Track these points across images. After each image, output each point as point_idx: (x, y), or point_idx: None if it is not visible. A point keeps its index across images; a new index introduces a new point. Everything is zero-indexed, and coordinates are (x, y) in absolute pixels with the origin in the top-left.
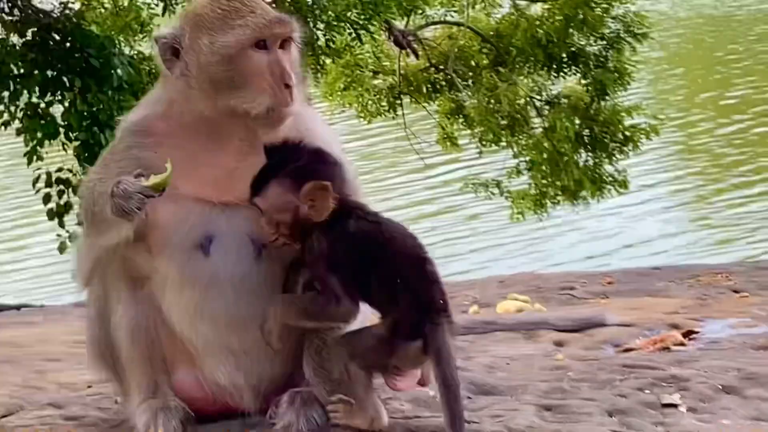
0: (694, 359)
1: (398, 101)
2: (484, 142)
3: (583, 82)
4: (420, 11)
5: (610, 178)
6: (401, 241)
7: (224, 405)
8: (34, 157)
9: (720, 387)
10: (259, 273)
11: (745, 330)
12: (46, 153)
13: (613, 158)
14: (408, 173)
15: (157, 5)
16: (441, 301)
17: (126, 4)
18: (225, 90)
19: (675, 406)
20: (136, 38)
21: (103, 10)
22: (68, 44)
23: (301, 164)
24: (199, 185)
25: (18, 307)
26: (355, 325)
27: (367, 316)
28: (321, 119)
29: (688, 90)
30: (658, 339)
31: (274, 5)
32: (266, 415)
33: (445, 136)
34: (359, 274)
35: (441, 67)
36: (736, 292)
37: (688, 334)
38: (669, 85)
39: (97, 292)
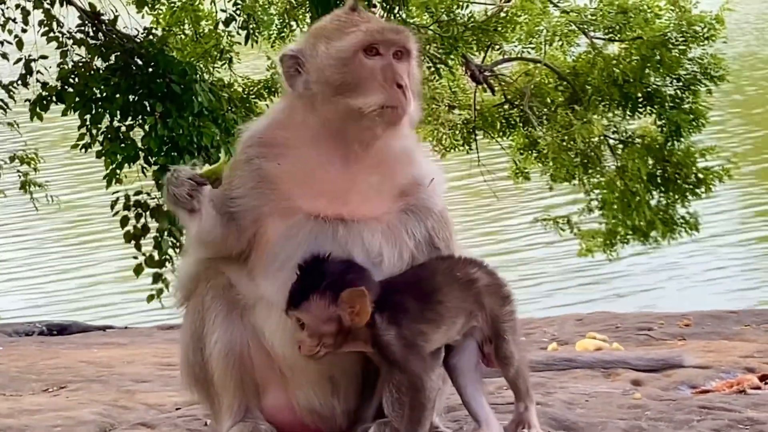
0: None
1: (473, 136)
2: (555, 179)
3: (658, 122)
4: (497, 47)
5: (682, 220)
6: (445, 271)
7: (314, 430)
8: (114, 180)
9: None
10: None
11: None
12: (125, 176)
13: (686, 200)
14: (477, 209)
15: (239, 34)
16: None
17: (206, 31)
18: (341, 92)
19: None
20: (215, 65)
21: (183, 36)
22: (151, 69)
23: (335, 276)
24: (314, 198)
25: (103, 328)
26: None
27: None
28: (430, 157)
29: None
30: (735, 382)
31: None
32: None
33: (518, 171)
34: (428, 315)
35: (516, 103)
36: None
37: (764, 378)
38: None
39: (194, 315)
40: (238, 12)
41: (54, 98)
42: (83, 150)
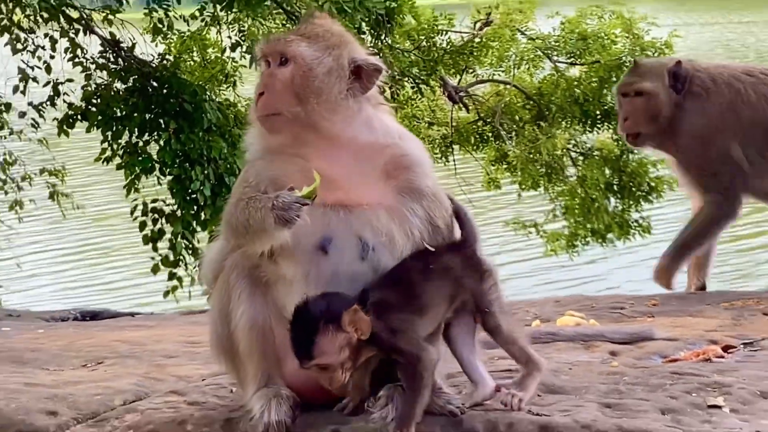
0: (734, 369)
1: (450, 150)
2: (523, 187)
3: (614, 136)
4: (471, 70)
5: (635, 224)
6: (419, 268)
7: (331, 394)
8: (132, 189)
9: (758, 392)
10: (368, 270)
11: None
12: (143, 186)
13: (639, 206)
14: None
15: (244, 57)
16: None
17: (212, 57)
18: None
19: (719, 407)
20: (221, 88)
21: (192, 62)
22: (165, 90)
23: (325, 311)
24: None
25: (132, 314)
26: None
27: None
28: (420, 146)
29: None
30: (701, 352)
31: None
32: (364, 404)
33: (489, 180)
34: (411, 308)
35: (489, 120)
36: (766, 315)
37: (726, 348)
38: None
39: (221, 292)
40: (243, 38)
41: (79, 117)
42: (105, 163)
